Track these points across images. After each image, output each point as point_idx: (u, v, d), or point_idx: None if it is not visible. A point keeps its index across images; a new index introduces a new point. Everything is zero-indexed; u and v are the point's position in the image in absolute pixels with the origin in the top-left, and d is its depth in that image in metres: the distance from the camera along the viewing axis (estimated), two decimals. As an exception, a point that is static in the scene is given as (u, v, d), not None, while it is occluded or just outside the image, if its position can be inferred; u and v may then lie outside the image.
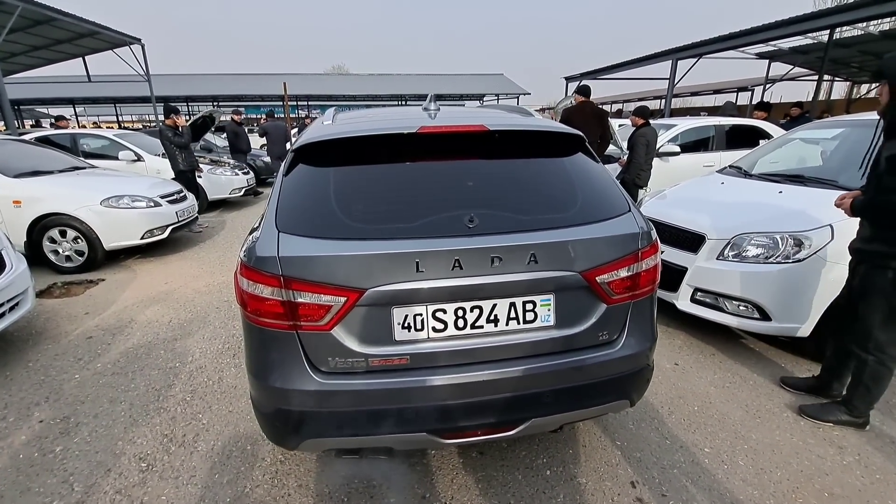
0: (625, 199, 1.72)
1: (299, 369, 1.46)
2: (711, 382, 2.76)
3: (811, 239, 2.74)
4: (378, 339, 1.47)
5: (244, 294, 1.47)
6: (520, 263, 1.47)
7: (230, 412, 2.50)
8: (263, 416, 1.58)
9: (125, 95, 27.07)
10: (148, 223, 5.12)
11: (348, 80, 36.91)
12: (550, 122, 1.90)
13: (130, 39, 14.25)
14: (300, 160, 1.66)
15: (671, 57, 14.53)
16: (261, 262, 1.42)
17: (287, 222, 1.48)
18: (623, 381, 1.67)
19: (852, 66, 19.35)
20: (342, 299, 1.41)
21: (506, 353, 1.53)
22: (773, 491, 1.93)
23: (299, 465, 2.09)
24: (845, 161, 3.64)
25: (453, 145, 1.70)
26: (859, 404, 2.27)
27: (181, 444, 2.25)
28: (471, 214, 1.49)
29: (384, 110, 2.45)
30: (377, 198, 1.58)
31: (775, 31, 11.22)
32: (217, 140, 11.89)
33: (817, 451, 2.16)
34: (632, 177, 5.60)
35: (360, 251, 1.41)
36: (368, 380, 1.47)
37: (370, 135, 1.64)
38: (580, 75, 19.96)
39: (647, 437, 2.27)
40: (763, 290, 2.84)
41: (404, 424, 1.49)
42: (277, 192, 1.59)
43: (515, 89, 33.12)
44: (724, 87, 28.16)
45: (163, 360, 3.07)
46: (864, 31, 13.99)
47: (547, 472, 2.05)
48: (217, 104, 29.56)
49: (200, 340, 3.35)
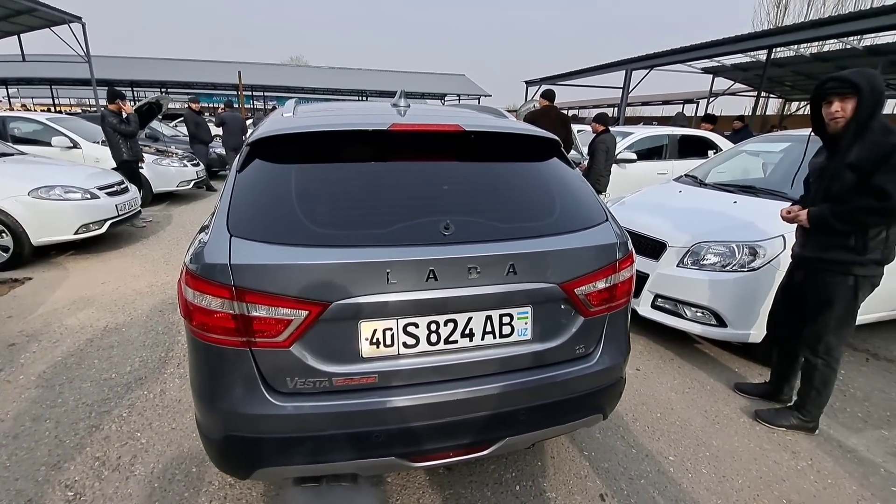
0: (602, 208, 1.68)
1: (253, 391, 1.31)
2: (672, 388, 2.81)
3: (765, 248, 2.85)
4: (343, 356, 1.34)
5: (189, 305, 1.30)
6: (498, 274, 1.38)
7: (173, 429, 2.27)
8: (211, 442, 1.41)
9: (63, 77, 24.91)
10: (83, 217, 4.66)
11: (307, 72, 35.76)
12: (527, 125, 1.83)
13: (70, 17, 13.15)
14: (257, 155, 1.49)
15: (625, 67, 15.11)
16: (209, 271, 1.25)
17: (241, 225, 1.32)
18: (598, 395, 1.63)
19: (785, 84, 20.95)
20: (303, 313, 1.27)
21: (481, 369, 1.45)
22: (736, 499, 1.97)
23: (251, 488, 1.92)
24: (792, 173, 3.86)
25: (426, 145, 1.60)
26: (812, 409, 2.36)
27: (115, 468, 2.01)
28: (446, 221, 1.39)
29: (350, 104, 2.30)
30: (344, 200, 1.45)
31: (720, 47, 11.94)
32: (164, 129, 11.13)
33: (773, 457, 2.23)
34: (592, 182, 5.70)
35: (325, 260, 1.28)
36: (332, 401, 1.33)
37: (337, 130, 1.51)
38: (540, 80, 20.35)
39: (615, 446, 2.27)
40: (720, 297, 2.92)
41: (371, 449, 1.37)
42: (230, 190, 1.42)
43: (477, 90, 33.36)
44: (673, 98, 29.62)
45: (96, 370, 2.77)
46: (796, 52, 15.12)
47: (517, 486, 1.99)
48: (165, 91, 27.80)
49: (140, 348, 3.05)
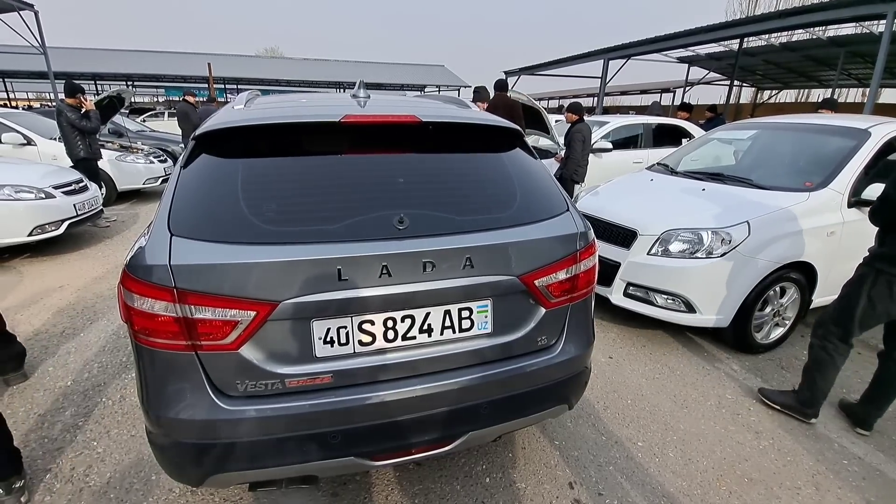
0: (563, 198, 1.67)
1: (201, 396, 1.25)
2: (643, 374, 2.85)
3: (731, 235, 2.89)
4: (296, 357, 1.29)
5: (130, 310, 1.23)
6: (454, 268, 1.35)
7: (132, 436, 2.18)
8: (160, 449, 1.35)
9: (16, 69, 23.71)
10: (37, 217, 4.43)
11: (281, 63, 34.85)
12: (487, 115, 1.80)
13: (20, 4, 12.45)
14: (203, 150, 1.42)
15: (603, 56, 15.20)
16: (147, 272, 1.18)
17: (183, 224, 1.26)
18: (562, 385, 1.62)
19: (757, 73, 21.43)
20: (251, 314, 1.22)
21: (441, 364, 1.42)
22: (700, 480, 2.00)
23: (213, 494, 1.86)
24: (758, 160, 3.94)
25: (382, 137, 1.55)
26: (806, 391, 2.37)
27: (68, 479, 1.92)
28: (400, 215, 1.35)
29: (308, 96, 2.22)
30: (293, 196, 1.39)
31: (694, 36, 12.14)
32: (129, 123, 10.71)
33: (737, 438, 2.28)
34: (570, 173, 5.70)
35: (272, 258, 1.22)
36: (285, 403, 1.29)
37: (286, 122, 1.45)
38: (520, 70, 20.33)
39: (585, 434, 2.28)
40: (689, 284, 2.96)
41: (328, 450, 1.34)
42: (173, 188, 1.35)
43: (456, 81, 33.09)
44: (650, 87, 29.98)
45: (51, 378, 2.65)
46: (766, 41, 15.47)
47: (486, 479, 1.98)
48: (131, 84, 26.79)
49: (100, 353, 2.94)
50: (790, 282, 3.03)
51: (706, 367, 2.94)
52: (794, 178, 3.34)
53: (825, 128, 3.63)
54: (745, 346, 3.09)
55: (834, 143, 3.38)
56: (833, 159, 3.22)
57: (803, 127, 3.83)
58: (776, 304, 3.08)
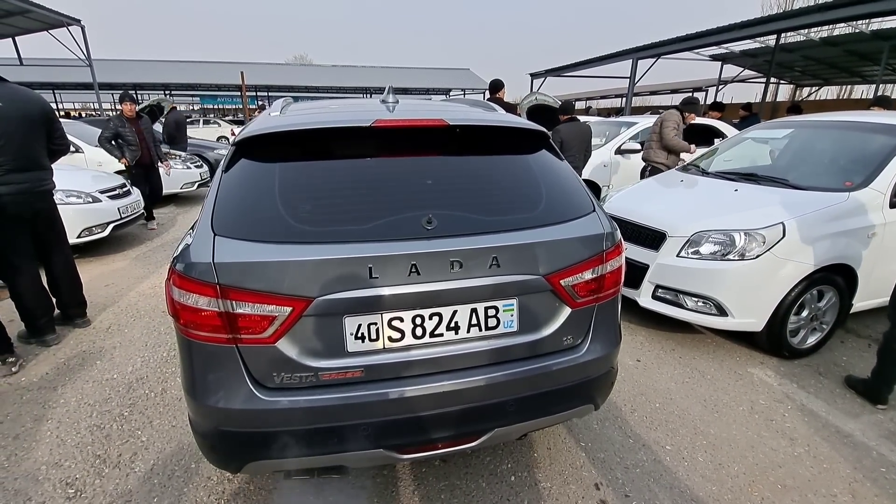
0: (589, 199, 1.67)
1: (240, 386, 1.33)
2: (672, 378, 2.80)
3: (765, 236, 2.81)
4: (329, 351, 1.35)
5: (176, 304, 1.32)
6: (481, 268, 1.39)
7: (173, 427, 2.31)
8: (202, 437, 1.43)
9: (64, 81, 25.14)
10: (85, 220, 4.70)
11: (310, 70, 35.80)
12: (513, 118, 1.83)
13: (68, 20, 13.17)
14: (242, 155, 1.51)
15: (631, 56, 14.89)
16: (193, 269, 1.27)
17: (225, 224, 1.34)
18: (588, 385, 1.63)
19: (796, 69, 20.52)
20: (287, 309, 1.28)
21: (467, 361, 1.45)
22: (731, 486, 1.96)
23: (249, 483, 1.94)
24: (794, 160, 3.81)
25: (411, 140, 1.60)
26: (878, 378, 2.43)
27: (116, 465, 2.05)
28: (429, 215, 1.39)
29: (339, 102, 2.30)
30: (327, 197, 1.45)
31: (728, 33, 11.71)
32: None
33: (771, 444, 2.22)
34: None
35: (308, 256, 1.29)
36: (319, 395, 1.35)
37: (320, 128, 1.51)
38: (545, 72, 20.16)
39: (611, 436, 2.27)
40: (720, 286, 2.89)
41: (358, 442, 1.39)
42: (215, 191, 1.44)
43: (482, 84, 33.10)
44: (681, 87, 29.19)
45: (98, 371, 2.82)
46: (805, 37, 14.82)
47: (511, 477, 2.00)
48: (169, 93, 27.99)
49: (143, 348, 3.10)
50: (828, 285, 2.93)
51: (738, 372, 2.87)
52: (832, 177, 3.22)
53: (865, 125, 3.49)
54: (780, 352, 2.99)
55: (875, 140, 3.25)
56: (874, 158, 3.09)
57: (842, 125, 3.68)
58: (813, 308, 2.97)
